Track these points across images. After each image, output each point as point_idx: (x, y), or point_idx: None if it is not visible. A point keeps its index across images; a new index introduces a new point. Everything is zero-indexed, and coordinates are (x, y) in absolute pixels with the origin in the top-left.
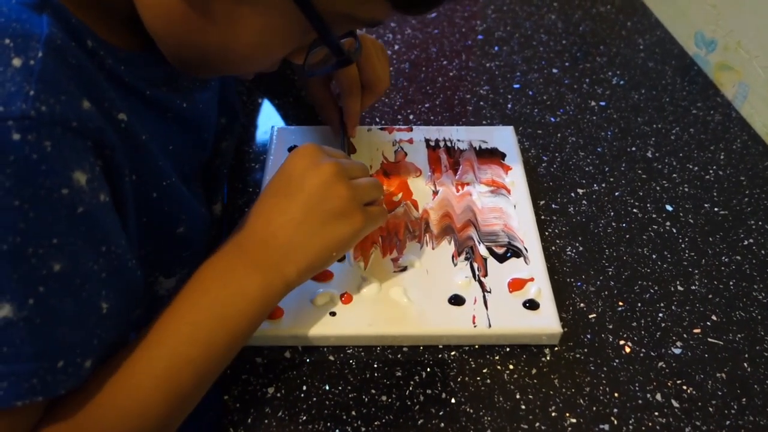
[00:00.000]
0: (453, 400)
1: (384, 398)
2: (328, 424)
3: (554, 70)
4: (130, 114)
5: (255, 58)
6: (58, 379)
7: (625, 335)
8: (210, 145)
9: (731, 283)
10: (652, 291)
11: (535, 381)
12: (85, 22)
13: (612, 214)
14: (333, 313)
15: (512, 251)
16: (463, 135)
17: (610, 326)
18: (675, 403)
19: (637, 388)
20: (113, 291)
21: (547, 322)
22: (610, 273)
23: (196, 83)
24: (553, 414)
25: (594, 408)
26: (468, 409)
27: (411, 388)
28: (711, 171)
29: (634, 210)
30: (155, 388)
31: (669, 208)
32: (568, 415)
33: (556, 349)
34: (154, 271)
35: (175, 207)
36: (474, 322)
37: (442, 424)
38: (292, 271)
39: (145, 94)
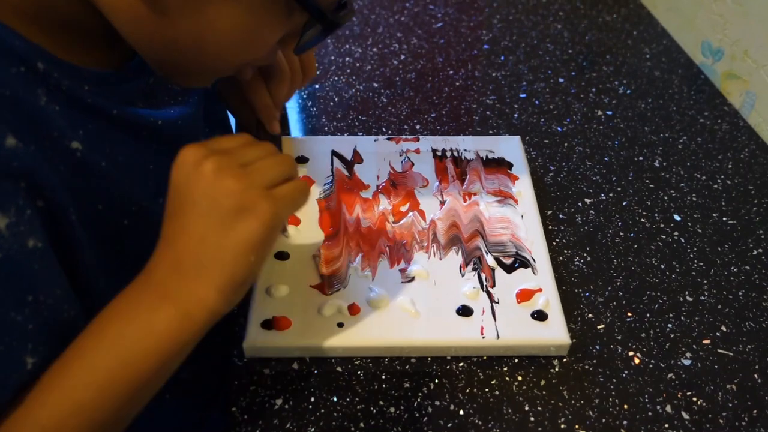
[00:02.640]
0: (461, 412)
1: (392, 410)
2: None
3: (560, 80)
4: (88, 140)
5: (236, 46)
6: None
7: (633, 346)
8: None
9: (740, 293)
10: (660, 301)
11: (543, 392)
12: (39, 44)
13: (620, 223)
14: (341, 324)
15: (520, 262)
16: (469, 145)
17: (619, 337)
18: (685, 415)
19: (646, 400)
20: (43, 345)
21: (555, 333)
22: (618, 283)
23: (177, 98)
24: (563, 426)
25: (603, 420)
26: (476, 421)
27: (419, 400)
28: (719, 180)
29: (642, 220)
30: None
31: (677, 217)
32: (577, 427)
33: (565, 360)
34: None
35: (148, 231)
36: (482, 333)
37: None
38: (211, 294)
39: (111, 113)
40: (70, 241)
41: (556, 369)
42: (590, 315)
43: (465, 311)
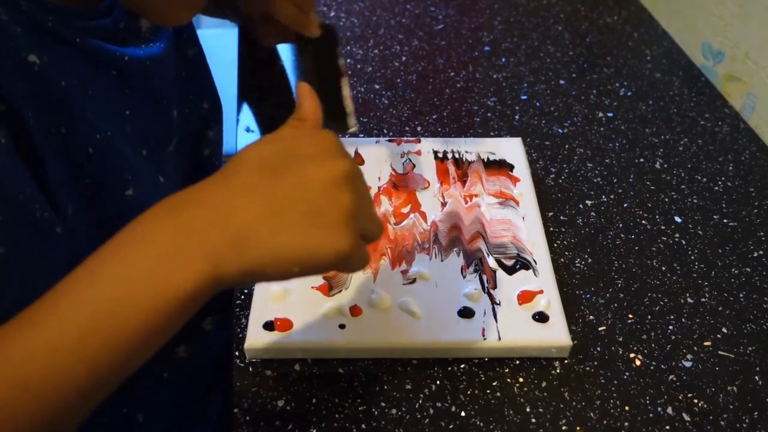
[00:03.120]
0: (463, 414)
1: (394, 411)
2: None
3: (561, 82)
4: (48, 58)
5: None
6: None
7: (635, 348)
8: (173, 117)
9: (741, 295)
10: (661, 303)
11: (545, 394)
12: None
13: (621, 225)
14: (342, 326)
15: (521, 263)
16: (471, 146)
17: (620, 339)
18: (686, 417)
19: (647, 402)
20: (13, 237)
21: (556, 334)
22: (619, 285)
23: (146, 41)
24: (564, 428)
25: (605, 421)
26: (478, 423)
27: (421, 401)
28: (720, 182)
29: (643, 222)
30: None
31: (678, 219)
32: (578, 428)
33: (566, 361)
34: None
35: (116, 165)
36: (483, 335)
37: None
38: (233, 269)
39: (74, 41)
40: (33, 153)
41: (558, 370)
42: (591, 317)
43: (466, 313)
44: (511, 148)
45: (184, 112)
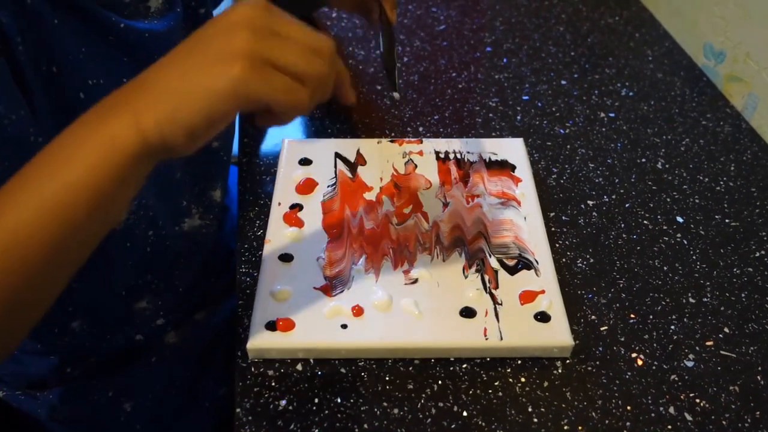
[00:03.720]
0: (465, 413)
1: (396, 411)
2: None
3: (563, 82)
4: (43, 3)
5: None
6: None
7: (637, 348)
8: None
9: (743, 295)
10: (663, 303)
11: (547, 394)
12: None
13: (622, 225)
14: (344, 326)
15: (523, 263)
16: (472, 147)
17: (622, 339)
18: (688, 417)
19: (649, 401)
20: (7, 159)
21: (558, 334)
22: (621, 285)
23: (149, 17)
24: (566, 427)
25: (606, 421)
26: (480, 422)
27: (423, 401)
28: (721, 182)
29: (645, 222)
30: None
31: (680, 219)
32: (580, 428)
33: (568, 361)
34: None
35: None
36: (485, 335)
37: None
38: (148, 119)
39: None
40: (23, 83)
41: (559, 370)
42: (593, 317)
43: (468, 313)
44: (512, 149)
45: None
